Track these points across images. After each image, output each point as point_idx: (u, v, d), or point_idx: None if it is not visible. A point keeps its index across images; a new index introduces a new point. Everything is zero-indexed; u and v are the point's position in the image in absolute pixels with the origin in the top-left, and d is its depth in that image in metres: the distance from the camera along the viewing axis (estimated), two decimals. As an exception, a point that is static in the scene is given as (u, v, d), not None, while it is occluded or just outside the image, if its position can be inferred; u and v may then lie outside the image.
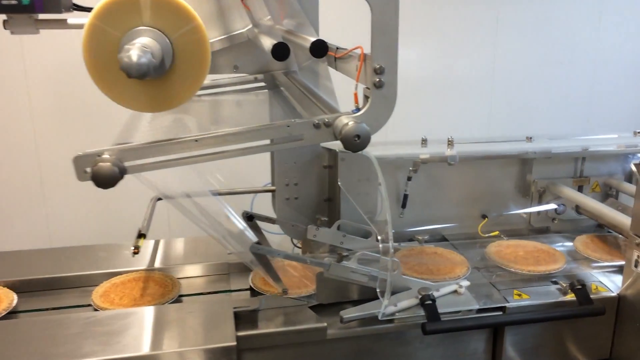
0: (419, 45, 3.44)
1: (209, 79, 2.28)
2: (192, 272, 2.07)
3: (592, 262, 2.06)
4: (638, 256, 1.73)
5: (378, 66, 1.29)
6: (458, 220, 2.31)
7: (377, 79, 1.29)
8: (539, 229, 2.35)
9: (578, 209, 2.27)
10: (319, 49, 1.32)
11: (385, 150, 2.06)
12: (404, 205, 2.21)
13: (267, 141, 1.43)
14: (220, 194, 2.01)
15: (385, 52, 1.29)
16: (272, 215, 2.22)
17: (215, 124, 2.07)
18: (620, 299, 1.81)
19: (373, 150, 2.03)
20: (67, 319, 1.66)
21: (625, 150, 2.25)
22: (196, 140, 1.28)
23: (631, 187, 2.25)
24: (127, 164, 1.25)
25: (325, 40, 1.39)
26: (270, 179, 2.35)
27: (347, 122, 1.26)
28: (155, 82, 1.26)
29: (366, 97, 1.36)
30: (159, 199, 2.13)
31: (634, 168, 1.73)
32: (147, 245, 2.20)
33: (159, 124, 1.83)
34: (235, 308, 1.66)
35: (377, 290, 1.70)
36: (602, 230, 2.30)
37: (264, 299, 1.77)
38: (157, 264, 2.08)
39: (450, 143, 1.93)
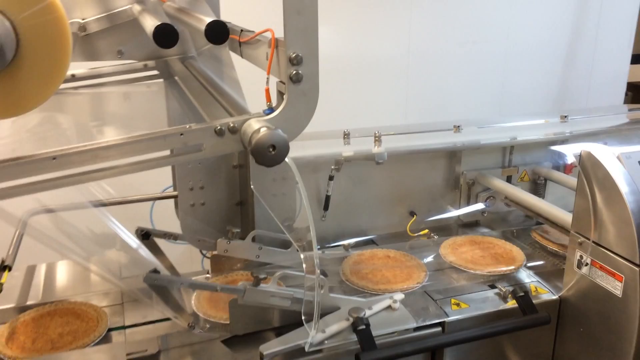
0: (328, 24, 3.19)
1: (87, 68, 1.91)
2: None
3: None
4: (581, 256, 1.60)
5: (294, 54, 1.01)
6: (385, 219, 2.11)
7: (294, 71, 1.02)
8: (468, 223, 2.20)
9: (507, 200, 2.14)
10: (217, 32, 1.03)
11: (304, 149, 1.80)
12: (326, 207, 1.97)
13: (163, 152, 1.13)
14: (104, 205, 1.66)
15: (303, 36, 1.01)
16: (176, 225, 1.92)
17: (98, 122, 1.71)
18: (561, 302, 1.68)
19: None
20: None
21: (553, 138, 2.13)
22: (54, 158, 0.95)
23: (560, 175, 2.14)
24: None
25: (226, 22, 1.09)
26: (172, 183, 2.03)
27: (257, 127, 0.98)
28: (-11, 79, 0.91)
29: (281, 94, 1.09)
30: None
31: (574, 159, 1.59)
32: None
33: (24, 125, 1.46)
34: (129, 355, 1.35)
35: (303, 318, 1.44)
36: (531, 220, 2.19)
37: (165, 338, 1.46)
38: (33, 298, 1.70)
39: (377, 139, 1.70)
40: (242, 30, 1.30)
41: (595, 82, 4.10)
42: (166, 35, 1.03)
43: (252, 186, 1.84)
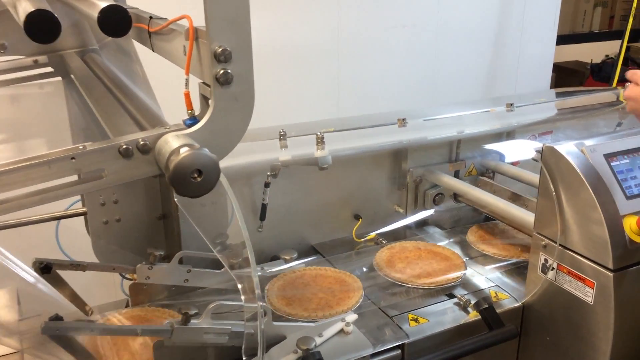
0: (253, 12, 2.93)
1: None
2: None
3: (488, 259, 1.78)
4: (545, 260, 1.47)
5: (220, 49, 0.78)
6: (329, 225, 1.91)
7: (221, 70, 0.79)
8: (416, 223, 2.04)
9: (456, 197, 2.00)
10: (114, 20, 0.77)
11: (235, 156, 1.56)
12: (262, 217, 1.75)
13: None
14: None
15: (232, 25, 0.78)
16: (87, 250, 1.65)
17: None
18: (525, 309, 1.55)
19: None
20: None
21: (499, 130, 2.01)
22: None
23: (508, 167, 2.02)
24: None
25: (129, 7, 0.84)
26: (81, 197, 1.73)
27: (176, 146, 0.74)
28: None
29: (205, 99, 0.85)
30: None
31: (535, 154, 1.45)
32: None
33: None
34: None
35: (244, 357, 1.22)
36: (481, 215, 2.07)
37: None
38: None
39: (319, 141, 1.48)
40: (151, 18, 1.04)
41: (523, 64, 4.10)
42: (39, 26, 0.76)
43: (175, 198, 1.59)
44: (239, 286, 1.18)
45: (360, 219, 1.93)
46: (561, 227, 1.41)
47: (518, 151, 2.00)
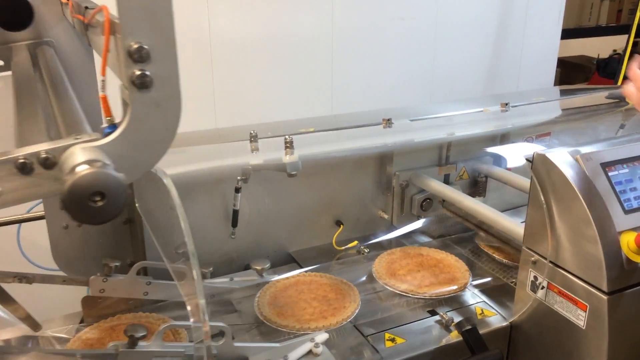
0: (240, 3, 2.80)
1: None
2: None
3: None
4: (535, 277, 1.35)
5: (136, 46, 0.65)
6: (307, 232, 1.79)
7: (137, 71, 0.67)
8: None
9: (444, 203, 1.87)
10: (8, 11, 0.65)
11: (201, 160, 1.45)
12: (234, 224, 1.63)
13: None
14: None
15: (149, 16, 0.66)
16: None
17: None
18: (512, 329, 1.43)
19: (178, 154, 1.44)
20: None
21: (493, 132, 1.88)
22: None
23: (502, 172, 1.89)
24: None
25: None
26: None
27: (77, 162, 0.62)
28: None
29: (126, 105, 0.73)
30: None
31: (525, 162, 1.32)
32: None
33: None
34: None
35: (197, 384, 1.11)
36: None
37: None
38: None
39: (288, 145, 1.36)
40: (86, 8, 0.92)
41: (526, 59, 3.95)
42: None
43: (137, 205, 1.48)
44: (187, 307, 1.07)
45: (341, 226, 1.81)
46: (552, 242, 1.28)
47: (511, 155, 1.87)
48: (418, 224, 1.82)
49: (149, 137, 0.70)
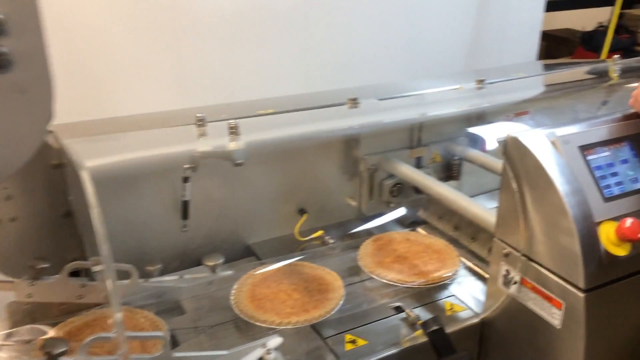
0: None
1: None
2: None
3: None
4: (507, 271, 1.23)
5: (-17, 15, 0.51)
6: (267, 222, 1.67)
7: (-11, 48, 0.52)
8: (371, 217, 1.79)
9: (417, 189, 1.75)
10: None
11: (142, 147, 1.32)
12: (184, 216, 1.50)
13: None
14: None
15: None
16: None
17: None
18: (484, 325, 1.33)
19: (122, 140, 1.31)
20: None
21: (467, 112, 1.75)
22: None
23: (477, 155, 1.77)
24: None
25: None
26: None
27: None
28: None
29: (-14, 90, 0.59)
30: None
31: (497, 145, 1.20)
32: None
33: None
34: None
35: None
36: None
37: None
38: None
39: (233, 130, 1.22)
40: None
41: (509, 32, 3.81)
42: None
43: (69, 198, 1.35)
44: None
45: (305, 214, 1.69)
46: (525, 234, 1.17)
47: (487, 136, 1.74)
48: (398, 212, 1.71)
49: (13, 129, 0.56)
